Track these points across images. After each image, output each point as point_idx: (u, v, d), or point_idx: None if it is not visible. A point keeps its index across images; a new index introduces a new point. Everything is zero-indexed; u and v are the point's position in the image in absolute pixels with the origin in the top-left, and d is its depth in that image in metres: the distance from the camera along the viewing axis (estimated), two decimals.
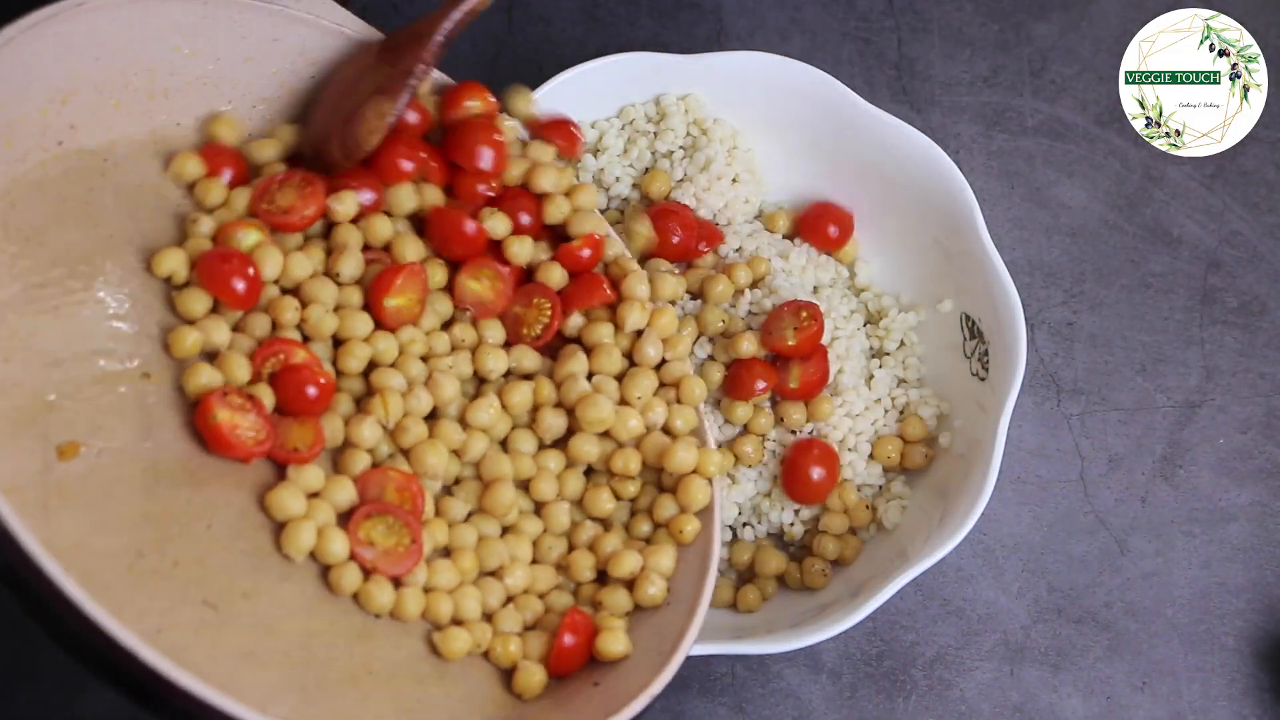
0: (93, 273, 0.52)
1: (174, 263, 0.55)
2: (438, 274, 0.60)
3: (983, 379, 0.66)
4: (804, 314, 0.65)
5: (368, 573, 0.54)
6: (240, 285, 0.55)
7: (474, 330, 0.61)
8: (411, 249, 0.60)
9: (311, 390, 0.55)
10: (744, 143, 0.71)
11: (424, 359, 0.59)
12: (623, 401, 0.61)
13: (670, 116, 0.70)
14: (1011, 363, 0.63)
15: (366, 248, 0.60)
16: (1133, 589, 0.72)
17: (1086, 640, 0.71)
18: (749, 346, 0.65)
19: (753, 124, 0.71)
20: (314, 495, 0.54)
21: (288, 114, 0.62)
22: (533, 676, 0.55)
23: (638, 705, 0.52)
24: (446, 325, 0.61)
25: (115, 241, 0.54)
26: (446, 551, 0.57)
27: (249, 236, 0.56)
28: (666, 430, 0.62)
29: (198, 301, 0.55)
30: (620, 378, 0.62)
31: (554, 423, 0.60)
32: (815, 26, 0.82)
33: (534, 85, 0.66)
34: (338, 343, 0.58)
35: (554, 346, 0.63)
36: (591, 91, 0.69)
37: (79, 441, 0.48)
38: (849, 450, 0.67)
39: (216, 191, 0.58)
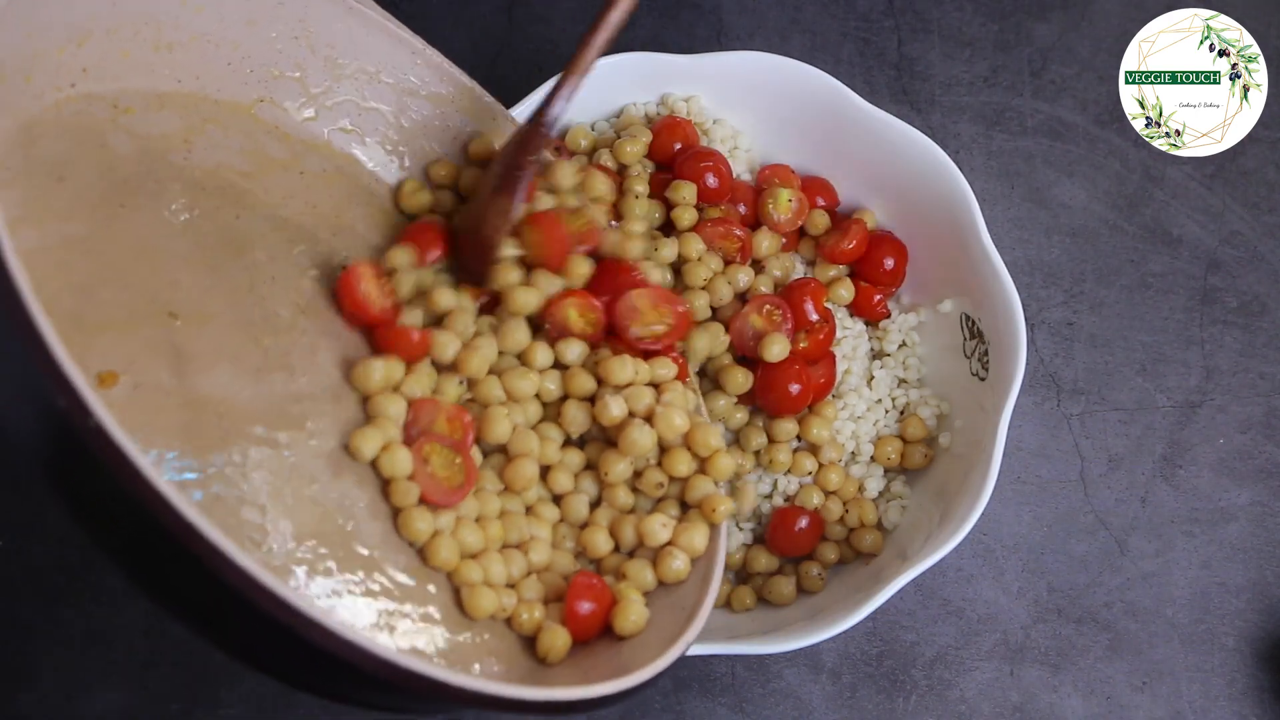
0: (113, 213, 0.53)
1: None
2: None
3: (983, 379, 0.66)
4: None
5: (420, 499, 0.56)
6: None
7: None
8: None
9: (434, 253, 0.61)
10: (744, 143, 0.71)
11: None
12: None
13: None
14: (1011, 363, 0.63)
15: None
16: (1133, 589, 0.72)
17: (1086, 640, 0.71)
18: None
19: (753, 124, 0.71)
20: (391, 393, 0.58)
21: (282, 84, 0.62)
22: (557, 639, 0.55)
23: (658, 666, 0.52)
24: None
25: (130, 185, 0.55)
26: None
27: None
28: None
29: None
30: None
31: (577, 416, 0.61)
32: (815, 26, 0.82)
33: (534, 85, 0.66)
34: None
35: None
36: (591, 91, 0.69)
37: (117, 372, 0.49)
38: (850, 453, 0.67)
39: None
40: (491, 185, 0.62)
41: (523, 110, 0.66)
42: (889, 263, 0.69)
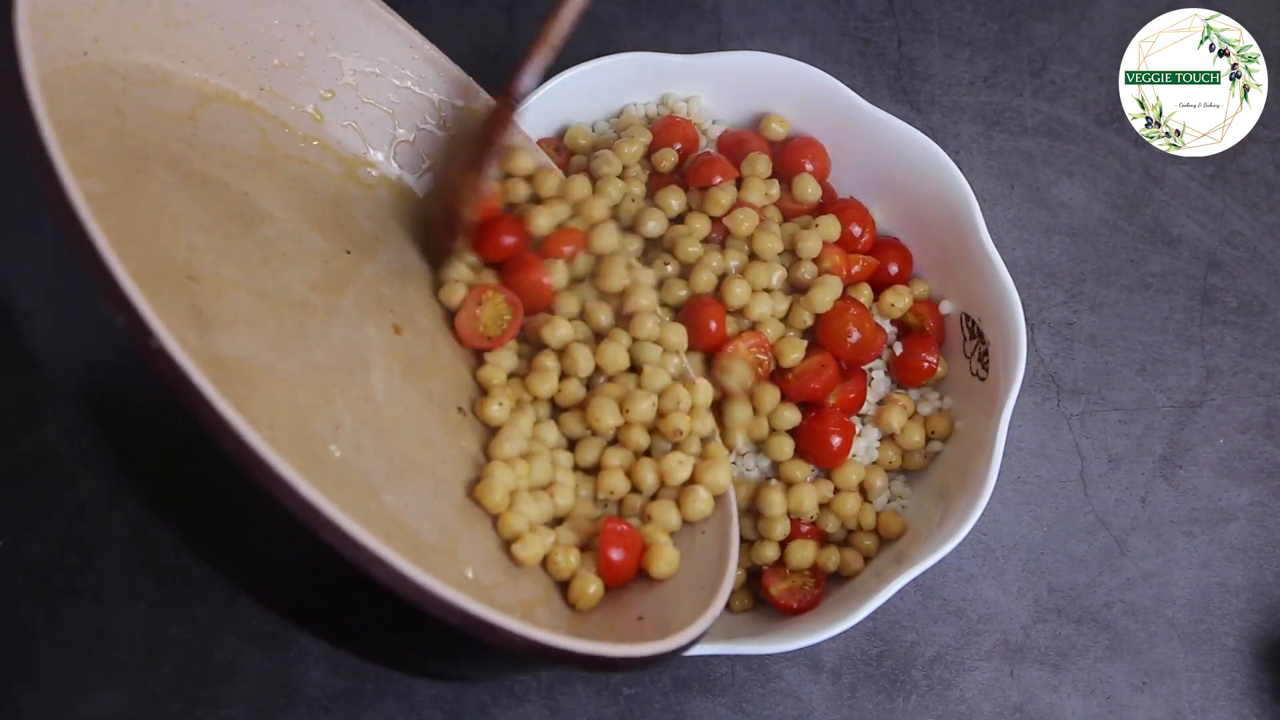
0: (128, 176, 0.54)
1: None
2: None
3: (983, 379, 0.66)
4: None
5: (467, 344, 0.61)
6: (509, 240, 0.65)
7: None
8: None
9: (508, 239, 0.64)
10: None
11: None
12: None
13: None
14: (1011, 363, 0.63)
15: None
16: (1133, 589, 0.72)
17: (1086, 640, 0.71)
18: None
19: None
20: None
21: (282, 74, 0.63)
22: (589, 585, 0.56)
23: (694, 631, 0.52)
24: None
25: (144, 152, 0.55)
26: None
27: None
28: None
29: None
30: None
31: (580, 359, 0.62)
32: (815, 26, 0.82)
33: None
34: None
35: None
36: (591, 91, 0.69)
37: None
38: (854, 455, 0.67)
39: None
40: (462, 161, 0.63)
41: (524, 108, 0.66)
42: (893, 269, 0.69)
